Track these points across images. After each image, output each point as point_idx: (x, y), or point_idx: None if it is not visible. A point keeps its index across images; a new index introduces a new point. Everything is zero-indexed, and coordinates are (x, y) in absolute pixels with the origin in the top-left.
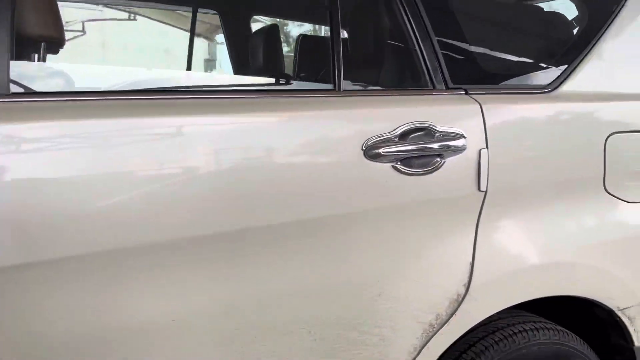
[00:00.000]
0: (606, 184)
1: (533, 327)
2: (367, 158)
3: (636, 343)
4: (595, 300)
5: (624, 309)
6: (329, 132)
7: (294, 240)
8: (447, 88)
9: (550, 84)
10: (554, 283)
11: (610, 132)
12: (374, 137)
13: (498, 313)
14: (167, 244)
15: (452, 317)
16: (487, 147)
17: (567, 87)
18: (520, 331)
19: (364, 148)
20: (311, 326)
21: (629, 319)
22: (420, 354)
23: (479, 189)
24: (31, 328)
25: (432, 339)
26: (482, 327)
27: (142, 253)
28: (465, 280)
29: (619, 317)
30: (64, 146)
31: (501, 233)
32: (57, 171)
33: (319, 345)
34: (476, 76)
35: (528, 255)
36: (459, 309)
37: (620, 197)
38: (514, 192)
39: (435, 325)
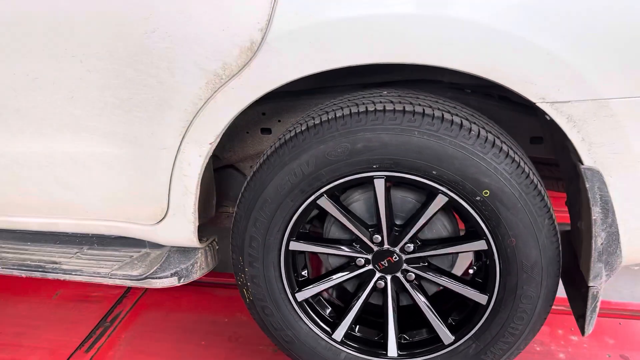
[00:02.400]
0: None
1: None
2: None
3: (585, 161)
4: (495, 81)
5: (557, 103)
6: None
7: None
8: None
9: None
10: (398, 43)
11: None
12: None
13: None
14: None
15: (244, 69)
16: None
17: None
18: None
19: None
20: (81, 55)
21: (571, 120)
22: (207, 105)
23: None
24: None
25: (219, 92)
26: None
27: None
28: (263, 23)
29: (550, 116)
30: None
31: None
32: None
33: (91, 75)
34: None
35: None
36: (253, 60)
37: None
38: None
39: (224, 77)
